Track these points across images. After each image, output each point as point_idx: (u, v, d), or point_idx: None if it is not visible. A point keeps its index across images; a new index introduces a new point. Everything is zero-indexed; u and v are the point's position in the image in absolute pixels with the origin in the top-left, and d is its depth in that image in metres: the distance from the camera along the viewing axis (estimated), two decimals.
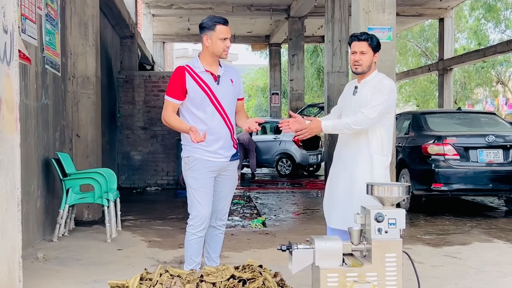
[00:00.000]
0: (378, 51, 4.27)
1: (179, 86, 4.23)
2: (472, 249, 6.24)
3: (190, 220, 4.35)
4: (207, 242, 4.55)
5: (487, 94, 34.77)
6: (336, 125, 4.18)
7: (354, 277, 3.38)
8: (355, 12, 6.98)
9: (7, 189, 3.28)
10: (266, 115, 30.32)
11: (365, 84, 4.27)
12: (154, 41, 22.98)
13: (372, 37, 4.24)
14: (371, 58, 4.22)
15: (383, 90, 4.14)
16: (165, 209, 9.24)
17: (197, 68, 4.26)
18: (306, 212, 9.34)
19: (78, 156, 7.85)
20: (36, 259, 5.53)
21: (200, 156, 4.26)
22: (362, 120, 4.08)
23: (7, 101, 3.28)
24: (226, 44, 4.22)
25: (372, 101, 4.11)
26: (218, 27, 4.20)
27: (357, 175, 4.18)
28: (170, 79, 4.31)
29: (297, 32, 18.54)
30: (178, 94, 4.24)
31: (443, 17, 19.92)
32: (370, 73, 4.27)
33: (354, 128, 4.12)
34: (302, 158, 16.39)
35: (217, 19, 4.24)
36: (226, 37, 4.21)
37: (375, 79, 4.25)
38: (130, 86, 12.84)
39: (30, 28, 6.04)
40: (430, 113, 10.07)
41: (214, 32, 4.19)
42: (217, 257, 4.58)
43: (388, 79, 4.27)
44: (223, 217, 4.55)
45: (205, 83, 4.24)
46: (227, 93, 4.32)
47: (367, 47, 4.20)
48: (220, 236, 4.58)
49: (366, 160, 4.21)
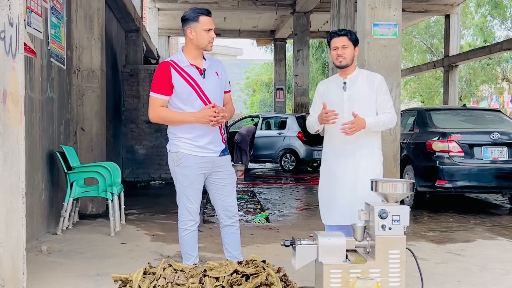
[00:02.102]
0: (357, 45, 4.46)
1: (165, 81, 4.11)
2: (476, 247, 6.23)
3: (180, 216, 4.32)
4: (224, 241, 4.49)
5: (492, 91, 34.67)
6: (377, 122, 4.34)
7: (357, 274, 3.38)
8: (361, 8, 6.96)
9: (11, 181, 3.28)
10: (271, 110, 30.31)
11: (355, 78, 4.44)
12: (159, 35, 23.00)
13: (351, 31, 4.45)
14: (353, 52, 4.41)
15: (385, 88, 4.44)
16: (168, 203, 9.23)
17: (181, 63, 4.15)
18: (309, 207, 9.33)
19: (82, 150, 7.87)
20: (40, 252, 5.55)
21: (189, 152, 4.17)
22: (393, 118, 4.41)
23: (12, 94, 3.28)
24: (211, 35, 4.11)
25: (386, 101, 4.39)
26: (202, 18, 4.08)
27: (360, 170, 4.23)
28: (154, 75, 4.17)
29: (302, 27, 18.51)
30: (166, 89, 4.12)
31: (449, 14, 19.85)
32: (353, 68, 4.47)
33: (389, 126, 4.44)
34: (306, 153, 16.38)
35: (200, 10, 4.14)
36: (210, 28, 4.10)
37: (361, 74, 4.48)
38: (135, 80, 12.84)
39: (36, 21, 6.04)
40: (435, 109, 10.05)
41: (198, 24, 4.07)
42: (239, 254, 4.46)
43: (376, 73, 4.60)
44: (234, 213, 4.45)
45: (191, 77, 4.13)
46: (214, 86, 4.23)
47: (347, 41, 4.39)
48: (237, 233, 4.48)
49: (369, 154, 4.30)
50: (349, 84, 4.42)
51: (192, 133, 4.16)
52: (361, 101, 4.36)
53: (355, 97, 4.37)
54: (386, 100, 4.38)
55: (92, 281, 4.59)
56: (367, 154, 4.33)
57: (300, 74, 18.95)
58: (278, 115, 18.67)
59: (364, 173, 4.24)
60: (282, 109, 23.35)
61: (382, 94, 4.37)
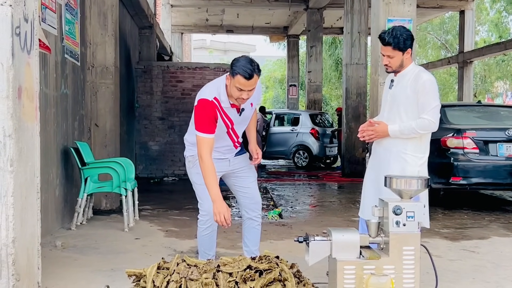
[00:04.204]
0: (408, 47, 4.19)
1: (212, 121, 4.03)
2: (491, 244, 6.18)
3: (200, 215, 4.38)
4: (245, 235, 4.52)
5: (507, 87, 34.36)
6: (402, 129, 4.16)
7: (371, 270, 3.37)
8: (375, 3, 6.92)
9: (26, 177, 3.30)
10: (283, 106, 30.26)
11: (402, 77, 4.27)
12: (173, 32, 23.03)
13: (397, 38, 4.14)
14: (400, 58, 4.19)
15: (429, 89, 4.14)
16: (182, 199, 9.26)
17: (223, 103, 4.08)
18: (322, 204, 9.32)
19: (96, 146, 7.90)
20: (54, 247, 5.58)
21: None
22: (428, 124, 4.12)
23: (27, 90, 3.30)
24: (241, 95, 3.94)
25: (426, 104, 4.11)
26: (237, 77, 3.88)
27: (389, 170, 4.13)
28: (199, 112, 4.05)
29: (315, 24, 18.45)
30: (212, 129, 4.04)
31: (464, 9, 19.70)
32: (405, 67, 4.26)
33: (420, 133, 4.15)
34: (319, 150, 16.36)
35: (242, 69, 3.87)
36: (242, 88, 3.90)
37: (411, 72, 4.23)
38: (148, 76, 12.89)
39: (50, 18, 6.07)
40: (450, 106, 9.96)
41: (233, 79, 3.93)
42: (257, 250, 4.48)
43: (426, 73, 4.24)
44: (258, 206, 4.48)
45: (230, 119, 4.15)
46: (244, 118, 4.28)
47: (391, 50, 4.17)
48: (258, 228, 4.50)
49: (398, 157, 4.19)
50: (396, 82, 4.30)
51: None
52: (401, 102, 4.21)
53: (397, 97, 4.24)
54: (426, 103, 4.11)
55: (106, 276, 4.61)
56: (397, 155, 4.20)
57: (313, 70, 18.91)
58: (291, 112, 18.64)
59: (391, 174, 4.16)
60: (295, 106, 23.32)
61: (423, 96, 4.12)
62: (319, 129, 16.46)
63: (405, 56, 4.20)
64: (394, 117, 4.24)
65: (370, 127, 4.29)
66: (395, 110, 4.23)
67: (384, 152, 4.28)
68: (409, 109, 4.18)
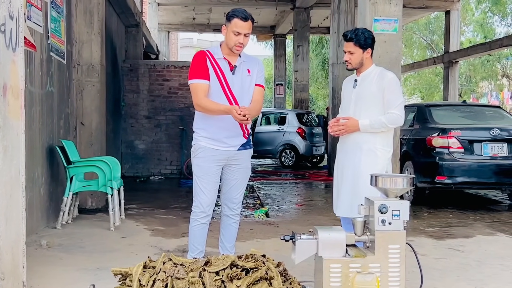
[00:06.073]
0: (369, 47, 4.35)
1: (204, 67, 4.16)
2: (475, 242, 6.24)
3: (193, 207, 4.39)
4: (221, 232, 4.57)
5: (492, 87, 34.66)
6: (373, 123, 4.29)
7: (357, 268, 3.38)
8: (361, 3, 6.95)
9: (11, 175, 3.28)
10: (270, 105, 30.27)
11: (366, 76, 4.42)
12: (159, 30, 22.96)
13: (358, 36, 4.31)
14: (360, 56, 4.36)
15: (394, 86, 4.32)
16: (168, 198, 9.25)
17: (216, 55, 4.21)
18: (309, 203, 9.34)
19: (82, 144, 7.86)
20: (39, 246, 5.55)
21: (205, 144, 4.26)
22: (396, 118, 4.28)
23: (12, 88, 3.27)
24: (239, 40, 4.09)
25: (392, 100, 4.28)
26: (234, 20, 4.07)
27: (361, 166, 4.27)
28: (192, 64, 4.20)
29: (302, 23, 18.48)
30: (205, 75, 4.15)
31: (450, 10, 19.82)
32: (367, 67, 4.41)
33: (389, 126, 4.32)
34: (306, 149, 16.39)
35: (237, 12, 4.10)
36: (240, 32, 4.08)
37: (374, 72, 4.39)
38: (135, 75, 12.83)
39: (36, 15, 6.02)
40: (435, 105, 10.04)
41: (230, 24, 4.10)
42: (231, 246, 4.55)
43: (389, 72, 4.42)
44: (235, 206, 4.52)
45: (221, 70, 4.19)
46: (242, 83, 4.26)
47: (353, 46, 4.34)
48: (234, 226, 4.55)
49: (369, 150, 4.32)
50: (359, 82, 4.44)
51: (214, 126, 4.22)
52: (367, 99, 4.35)
53: (362, 95, 4.38)
54: (392, 99, 4.28)
55: (92, 274, 4.59)
56: (367, 150, 4.32)
57: (300, 69, 18.93)
58: (278, 111, 18.66)
59: (364, 169, 4.25)
60: (282, 105, 23.34)
61: (389, 93, 4.28)
62: (306, 128, 16.49)
63: (365, 55, 4.36)
64: (359, 114, 4.36)
65: (340, 122, 4.37)
66: (360, 107, 4.36)
67: (353, 148, 4.38)
68: (374, 106, 4.33)
